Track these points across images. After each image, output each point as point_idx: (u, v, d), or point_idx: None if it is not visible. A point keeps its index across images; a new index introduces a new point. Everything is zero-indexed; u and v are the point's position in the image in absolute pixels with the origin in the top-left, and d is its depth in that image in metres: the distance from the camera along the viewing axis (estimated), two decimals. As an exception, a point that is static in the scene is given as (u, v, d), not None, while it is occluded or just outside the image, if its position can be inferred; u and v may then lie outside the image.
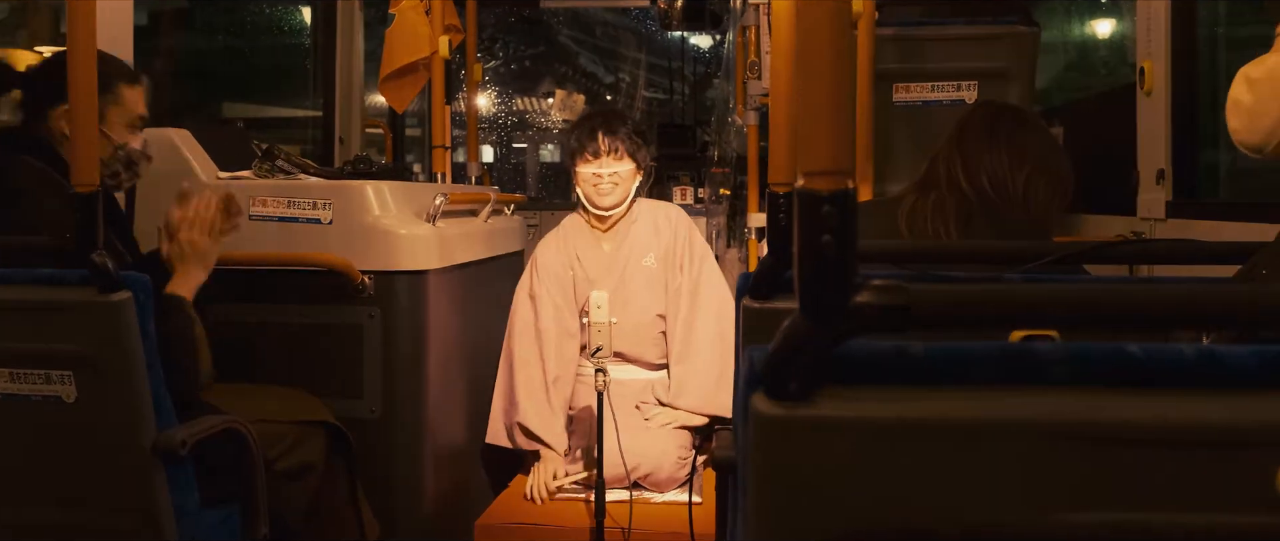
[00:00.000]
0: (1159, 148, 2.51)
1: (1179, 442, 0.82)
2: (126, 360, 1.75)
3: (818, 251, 0.80)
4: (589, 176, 3.04)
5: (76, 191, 1.70)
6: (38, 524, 1.87)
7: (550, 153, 9.08)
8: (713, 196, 4.91)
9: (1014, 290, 0.85)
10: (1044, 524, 0.83)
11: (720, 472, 1.69)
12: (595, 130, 3.03)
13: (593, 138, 3.02)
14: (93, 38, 1.72)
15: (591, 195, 3.06)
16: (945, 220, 2.00)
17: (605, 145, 3.01)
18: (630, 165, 3.05)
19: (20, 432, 1.83)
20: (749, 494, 0.87)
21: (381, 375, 2.63)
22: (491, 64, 8.26)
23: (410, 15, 3.52)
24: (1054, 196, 2.00)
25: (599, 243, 3.15)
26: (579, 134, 3.07)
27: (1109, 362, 0.85)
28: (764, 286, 1.55)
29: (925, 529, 0.84)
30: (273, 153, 2.79)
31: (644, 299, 3.10)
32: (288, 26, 6.00)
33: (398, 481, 2.67)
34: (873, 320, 0.81)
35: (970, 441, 0.83)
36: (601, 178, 3.03)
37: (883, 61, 2.82)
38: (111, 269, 1.71)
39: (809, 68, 0.82)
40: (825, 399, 0.83)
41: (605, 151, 3.01)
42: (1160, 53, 2.49)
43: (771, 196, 1.66)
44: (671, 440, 2.98)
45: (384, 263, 2.62)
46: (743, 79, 3.62)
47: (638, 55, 8.64)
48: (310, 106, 5.00)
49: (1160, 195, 2.49)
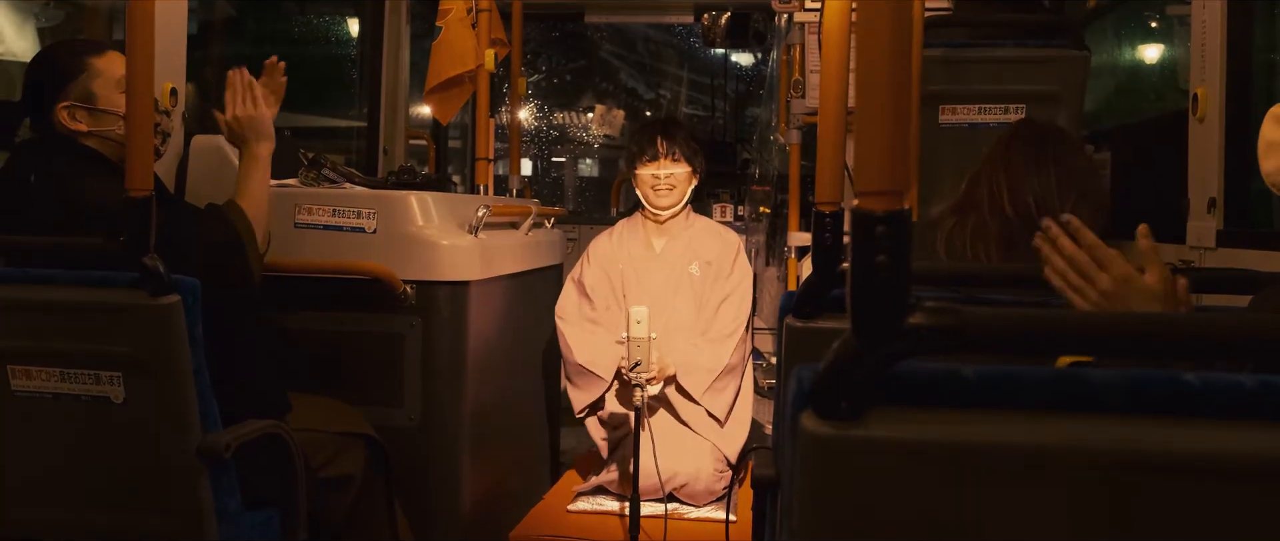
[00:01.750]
0: (1211, 175, 2.48)
1: (1235, 474, 0.81)
2: (174, 363, 1.78)
3: (871, 271, 0.80)
4: (648, 177, 3.24)
5: (129, 195, 1.73)
6: (83, 522, 1.90)
7: (588, 167, 9.10)
8: (752, 214, 4.90)
9: (1068, 315, 0.85)
10: (1095, 552, 0.82)
11: (758, 490, 1.69)
12: (655, 135, 3.25)
13: (652, 142, 3.24)
14: (150, 45, 1.76)
15: (650, 196, 3.26)
16: (986, 245, 1.96)
17: (664, 148, 3.23)
18: (686, 169, 3.24)
19: (69, 431, 1.85)
20: (795, 512, 0.87)
21: (421, 384, 2.65)
22: (533, 78, 8.31)
23: (457, 28, 3.56)
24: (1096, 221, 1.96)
25: (651, 243, 3.28)
26: (640, 139, 3.29)
27: (1164, 391, 0.84)
28: (808, 305, 1.55)
29: (973, 553, 0.83)
30: (319, 162, 2.82)
31: (684, 307, 3.16)
32: (334, 37, 6.07)
33: (434, 490, 2.68)
34: (926, 341, 0.80)
35: (1022, 466, 0.82)
36: (659, 179, 3.23)
37: (930, 83, 2.81)
38: (162, 272, 1.73)
39: (868, 89, 0.82)
40: (875, 419, 0.83)
41: (664, 154, 3.23)
42: (1214, 79, 2.46)
43: (817, 215, 1.66)
44: (708, 454, 2.99)
45: (426, 272, 2.64)
46: (786, 97, 3.62)
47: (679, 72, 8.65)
48: (354, 117, 5.05)
49: (1211, 223, 2.45)
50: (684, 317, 3.16)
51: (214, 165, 2.67)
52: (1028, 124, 2.16)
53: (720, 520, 2.89)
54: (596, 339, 3.12)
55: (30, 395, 1.83)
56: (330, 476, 2.25)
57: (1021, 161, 1.98)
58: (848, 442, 0.82)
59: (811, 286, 1.55)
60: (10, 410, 1.85)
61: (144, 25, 1.74)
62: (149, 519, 1.87)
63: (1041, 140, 2.02)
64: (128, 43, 1.75)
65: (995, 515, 0.83)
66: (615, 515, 2.92)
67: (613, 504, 2.98)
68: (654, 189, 3.23)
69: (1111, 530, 0.82)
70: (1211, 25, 2.49)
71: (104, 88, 2.14)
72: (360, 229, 2.65)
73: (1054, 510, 0.82)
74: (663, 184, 3.22)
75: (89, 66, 2.14)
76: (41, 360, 1.81)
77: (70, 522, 1.90)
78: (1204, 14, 2.52)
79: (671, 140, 3.23)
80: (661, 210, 3.25)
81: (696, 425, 3.06)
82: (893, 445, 0.82)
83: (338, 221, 2.66)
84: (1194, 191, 2.56)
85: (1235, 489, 0.81)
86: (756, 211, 4.93)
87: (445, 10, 3.58)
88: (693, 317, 3.16)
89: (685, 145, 3.24)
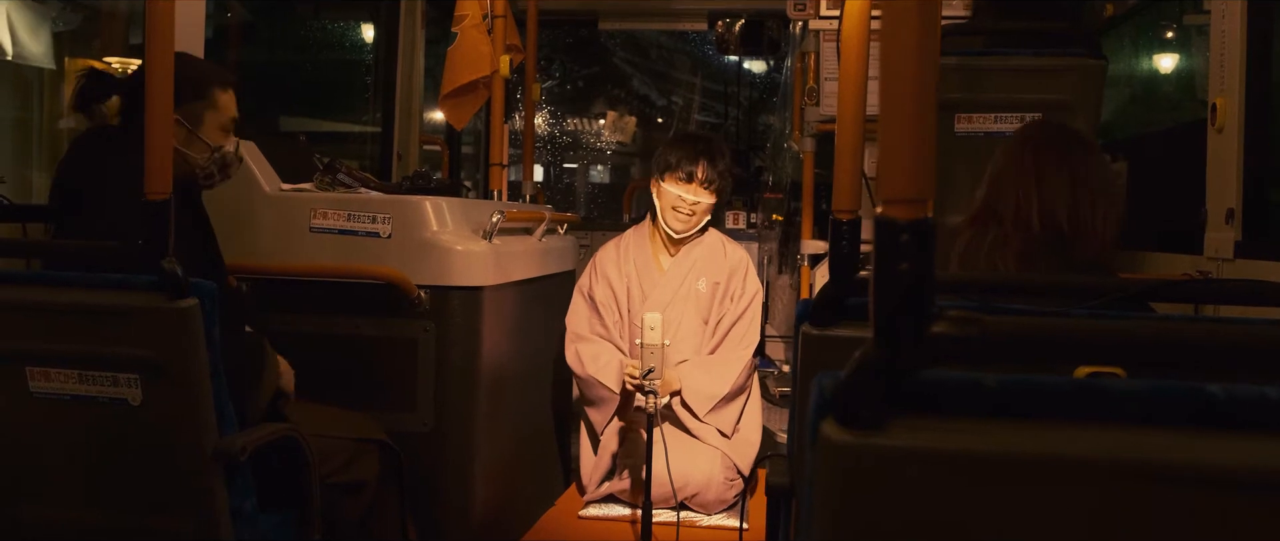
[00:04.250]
0: (1229, 186, 2.46)
1: (1259, 487, 0.81)
2: (192, 365, 1.78)
3: (895, 280, 0.80)
4: (674, 197, 3.07)
5: (148, 198, 1.74)
6: (99, 523, 1.90)
7: (600, 173, 9.10)
8: (765, 222, 4.90)
9: (1093, 324, 0.84)
10: (1117, 564, 0.81)
11: (773, 498, 1.68)
12: (699, 157, 3.04)
13: (693, 162, 3.03)
14: (171, 48, 1.76)
15: (668, 216, 3.10)
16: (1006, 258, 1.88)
17: (703, 174, 3.03)
18: (713, 199, 3.09)
19: (86, 433, 1.86)
20: (815, 520, 0.86)
21: (434, 389, 2.65)
22: (547, 84, 8.32)
23: (473, 34, 3.56)
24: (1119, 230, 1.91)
25: (659, 258, 3.18)
26: (681, 154, 3.07)
27: (1187, 402, 0.83)
28: (824, 313, 1.54)
29: (995, 563, 0.83)
30: (334, 166, 2.83)
31: (690, 322, 3.12)
32: (349, 42, 6.08)
33: (446, 494, 2.68)
34: (949, 350, 0.80)
35: (1043, 477, 0.82)
36: (684, 202, 3.06)
37: (945, 91, 2.80)
38: (180, 275, 1.74)
39: (892, 96, 0.82)
40: (897, 428, 0.83)
41: (701, 180, 3.04)
42: (1234, 89, 2.45)
43: (835, 223, 1.66)
44: (719, 462, 2.98)
45: (440, 277, 2.64)
46: (800, 105, 3.62)
47: (692, 79, 8.65)
48: (367, 122, 5.06)
49: (1229, 235, 2.44)
50: (690, 332, 3.13)
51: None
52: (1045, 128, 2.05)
53: (732, 528, 2.88)
54: (604, 353, 3.10)
55: (49, 396, 1.84)
56: (344, 481, 2.25)
57: (1053, 174, 1.87)
58: (869, 451, 0.82)
59: (828, 294, 1.54)
60: (29, 411, 1.85)
61: (165, 29, 1.75)
62: (165, 520, 1.87)
63: (1066, 147, 1.90)
64: (147, 47, 1.76)
65: (1016, 525, 0.83)
66: (626, 521, 2.91)
67: (623, 510, 2.98)
68: (675, 210, 3.08)
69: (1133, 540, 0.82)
70: (1230, 35, 2.48)
71: (213, 120, 2.20)
72: (375, 234, 2.66)
73: (1075, 521, 0.82)
74: (685, 207, 3.07)
75: (212, 95, 2.20)
76: (60, 362, 1.82)
77: (86, 523, 1.91)
78: (1223, 24, 2.51)
79: (713, 167, 3.04)
80: (676, 233, 3.12)
81: (705, 436, 3.05)
82: (914, 454, 0.82)
83: (352, 226, 2.67)
84: (1212, 202, 2.55)
85: (1259, 502, 0.80)
86: (769, 219, 4.93)
87: (461, 16, 3.59)
88: (698, 332, 3.14)
89: (723, 177, 3.07)
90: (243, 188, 2.70)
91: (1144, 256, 2.86)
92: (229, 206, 2.67)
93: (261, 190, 2.71)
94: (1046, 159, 1.89)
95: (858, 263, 1.68)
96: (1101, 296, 1.66)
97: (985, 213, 1.94)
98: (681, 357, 3.08)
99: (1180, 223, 2.68)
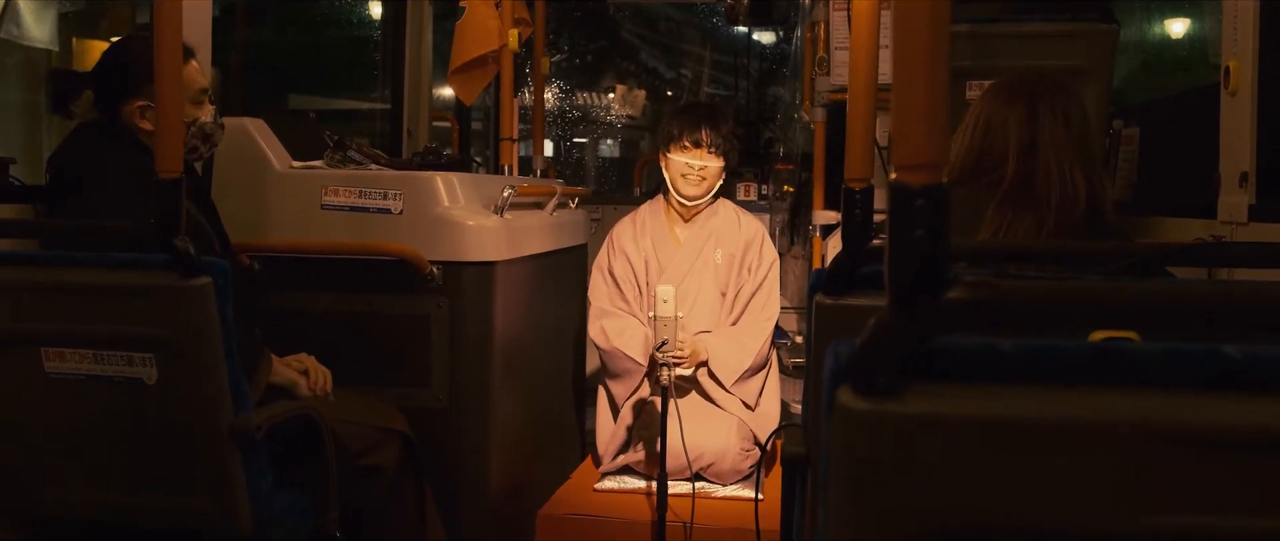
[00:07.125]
0: (1243, 150, 2.44)
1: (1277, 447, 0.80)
2: (206, 344, 1.79)
3: (910, 246, 0.79)
4: (681, 165, 3.11)
5: (160, 177, 1.74)
6: (115, 502, 1.92)
7: (609, 147, 9.08)
8: (776, 193, 4.89)
9: (1110, 287, 0.83)
10: (1136, 527, 0.81)
11: (788, 468, 1.68)
12: (700, 123, 3.09)
13: (695, 129, 3.08)
14: (179, 29, 1.76)
15: (678, 183, 3.13)
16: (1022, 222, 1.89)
17: (707, 139, 3.08)
18: (721, 163, 3.12)
19: (101, 412, 1.87)
20: (831, 489, 0.86)
21: (448, 365, 2.66)
22: (555, 58, 8.28)
23: (481, 9, 3.55)
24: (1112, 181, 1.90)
25: (675, 230, 3.19)
26: (681, 122, 3.12)
27: (1205, 364, 0.83)
28: (838, 283, 1.54)
29: (1012, 529, 0.83)
30: (344, 143, 2.82)
31: (707, 294, 3.13)
32: (357, 19, 6.07)
33: (462, 470, 2.69)
34: (965, 316, 0.80)
35: (1062, 441, 0.82)
36: (692, 169, 3.09)
37: (956, 58, 2.76)
38: (192, 254, 1.74)
39: (906, 62, 0.81)
40: (913, 395, 0.82)
41: (706, 144, 3.08)
42: (1247, 52, 2.42)
43: (847, 192, 1.65)
44: (734, 433, 2.99)
45: (452, 253, 2.64)
46: (810, 75, 3.59)
47: (701, 51, 8.60)
48: (376, 99, 5.06)
49: (1243, 198, 2.42)
50: (708, 304, 3.14)
51: (239, 145, 2.68)
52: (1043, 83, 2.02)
53: (748, 498, 2.89)
54: (629, 327, 3.11)
55: (64, 377, 1.85)
56: (364, 466, 2.27)
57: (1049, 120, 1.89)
58: (885, 418, 0.82)
59: (841, 263, 1.54)
60: (44, 392, 1.86)
61: (172, 12, 1.75)
62: (181, 499, 1.89)
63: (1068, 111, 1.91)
64: (155, 26, 1.76)
65: (1033, 490, 0.83)
66: (642, 493, 2.93)
67: (639, 482, 2.99)
68: (684, 177, 3.10)
69: (1151, 504, 0.81)
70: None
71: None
72: (386, 210, 2.66)
73: (1093, 484, 0.82)
74: (694, 174, 3.09)
75: None
76: (74, 342, 1.83)
77: (103, 502, 1.93)
78: (1236, -14, 2.48)
79: (716, 131, 3.08)
80: (688, 201, 3.14)
81: (727, 404, 3.05)
82: (931, 420, 0.82)
83: (363, 202, 2.67)
84: (1225, 166, 2.53)
85: (1278, 462, 0.80)
86: (780, 190, 4.91)
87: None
88: (716, 304, 3.15)
89: (728, 140, 3.11)
90: (253, 166, 2.70)
91: (1157, 222, 2.84)
92: (240, 185, 2.68)
93: (272, 168, 2.71)
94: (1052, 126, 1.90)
95: (871, 231, 1.68)
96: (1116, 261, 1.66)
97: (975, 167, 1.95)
98: (701, 328, 3.08)
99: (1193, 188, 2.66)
